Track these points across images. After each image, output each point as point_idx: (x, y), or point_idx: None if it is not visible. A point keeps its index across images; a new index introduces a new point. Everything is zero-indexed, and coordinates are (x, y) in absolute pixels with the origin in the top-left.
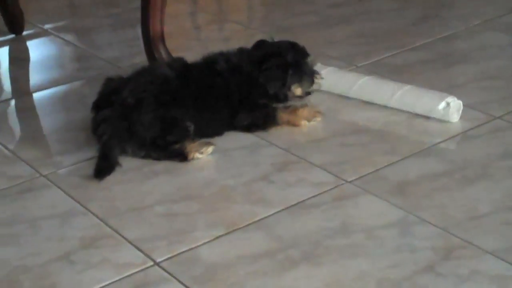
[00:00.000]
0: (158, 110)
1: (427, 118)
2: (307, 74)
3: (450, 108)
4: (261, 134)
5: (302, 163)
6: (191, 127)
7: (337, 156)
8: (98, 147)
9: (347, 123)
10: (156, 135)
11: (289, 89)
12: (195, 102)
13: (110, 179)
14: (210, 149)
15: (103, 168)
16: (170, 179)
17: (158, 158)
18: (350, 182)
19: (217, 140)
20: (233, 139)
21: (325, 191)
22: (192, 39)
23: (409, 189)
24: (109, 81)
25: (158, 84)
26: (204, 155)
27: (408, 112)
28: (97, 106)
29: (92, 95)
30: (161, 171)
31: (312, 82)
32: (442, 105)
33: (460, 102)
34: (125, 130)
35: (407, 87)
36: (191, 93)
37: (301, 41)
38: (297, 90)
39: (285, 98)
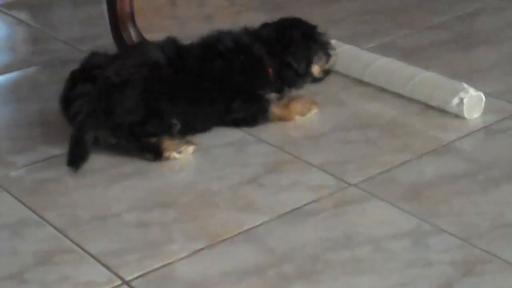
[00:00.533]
0: (144, 96)
1: (445, 110)
2: (321, 47)
3: (464, 104)
4: (250, 129)
5: (297, 163)
6: (177, 126)
7: (339, 155)
8: (72, 126)
9: (351, 115)
10: (135, 121)
11: (312, 65)
12: (185, 97)
13: (70, 183)
14: (190, 148)
15: (78, 154)
16: (142, 182)
17: (128, 149)
18: (354, 185)
19: (200, 136)
20: (216, 135)
21: (324, 196)
22: (167, 17)
23: (423, 193)
24: (93, 55)
25: (148, 68)
26: (182, 155)
27: (423, 103)
28: (75, 78)
29: (49, 83)
30: (132, 172)
31: (328, 55)
32: (455, 101)
33: (481, 94)
34: (103, 111)
35: (426, 74)
36: (183, 84)
37: None
38: (315, 68)
39: (308, 78)
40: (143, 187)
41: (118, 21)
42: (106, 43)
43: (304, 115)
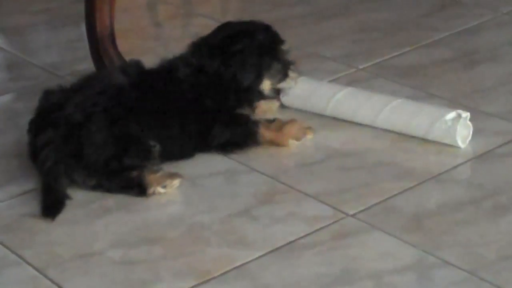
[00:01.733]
0: (113, 126)
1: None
2: (280, 63)
3: (461, 119)
4: (240, 157)
5: (291, 193)
6: (156, 147)
7: (336, 184)
8: (41, 177)
9: (346, 141)
10: (110, 156)
11: (261, 80)
12: (158, 116)
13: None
14: (176, 182)
15: (52, 203)
16: (125, 217)
17: (110, 189)
18: (352, 215)
19: (185, 165)
20: (204, 164)
21: (321, 228)
22: (151, 38)
23: (426, 223)
24: (47, 94)
25: (111, 95)
26: (168, 189)
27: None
28: (35, 126)
29: (25, 111)
30: (115, 207)
31: (286, 75)
32: (451, 115)
33: (470, 126)
34: (72, 154)
35: (399, 101)
36: (152, 104)
37: (288, 39)
38: (265, 83)
39: (258, 96)
40: (127, 222)
41: (98, 44)
42: (86, 67)
43: (299, 140)
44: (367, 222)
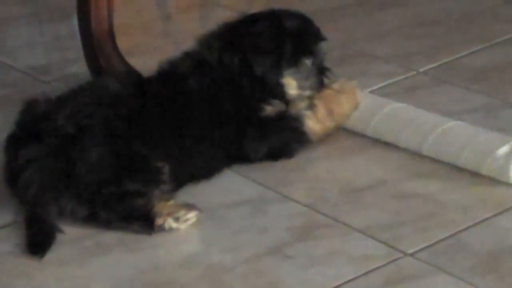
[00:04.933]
0: (112, 142)
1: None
2: (312, 61)
3: None
4: (271, 182)
5: (334, 227)
6: (165, 168)
7: (391, 215)
8: (24, 205)
9: (404, 162)
10: (107, 178)
11: (281, 76)
12: (167, 130)
13: (32, 258)
14: (191, 215)
15: (40, 238)
16: (127, 257)
17: (108, 221)
18: (411, 255)
19: (201, 192)
20: (225, 191)
21: (372, 270)
22: (159, 35)
23: (505, 264)
24: (31, 104)
25: (108, 105)
26: (180, 225)
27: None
28: (15, 142)
29: (3, 126)
30: (114, 243)
31: (321, 81)
32: (503, 149)
33: None
34: (62, 175)
35: (448, 125)
36: (157, 115)
37: (330, 35)
38: (291, 84)
39: (278, 94)
40: (129, 263)
41: (93, 42)
42: (78, 71)
43: (357, 108)
44: (430, 262)
